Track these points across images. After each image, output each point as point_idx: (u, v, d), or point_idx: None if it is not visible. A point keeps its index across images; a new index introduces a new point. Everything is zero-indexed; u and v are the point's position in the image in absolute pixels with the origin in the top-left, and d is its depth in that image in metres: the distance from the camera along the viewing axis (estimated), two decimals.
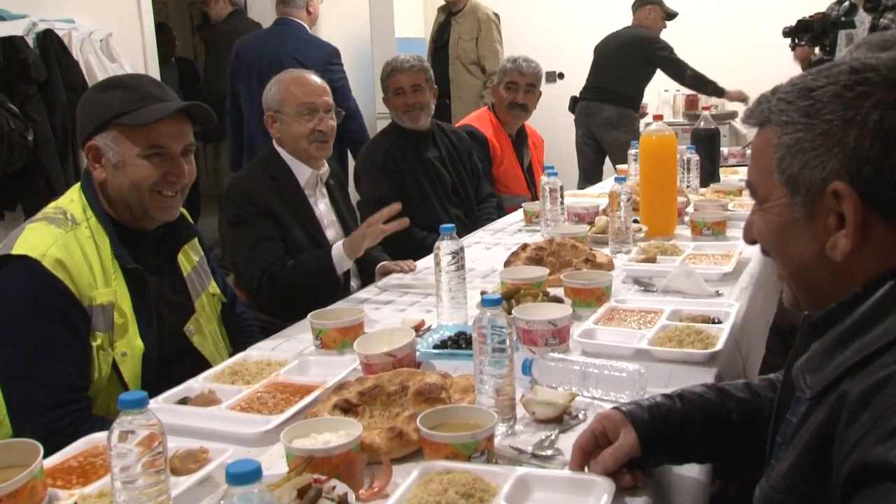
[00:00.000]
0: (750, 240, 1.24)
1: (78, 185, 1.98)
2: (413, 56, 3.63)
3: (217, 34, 5.65)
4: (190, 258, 2.15)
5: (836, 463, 0.98)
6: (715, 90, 6.07)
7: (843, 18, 4.61)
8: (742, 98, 6.03)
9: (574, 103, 6.19)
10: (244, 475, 0.90)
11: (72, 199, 1.94)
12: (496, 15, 6.36)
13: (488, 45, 6.17)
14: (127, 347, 1.87)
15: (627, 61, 5.96)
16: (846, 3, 4.69)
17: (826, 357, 1.09)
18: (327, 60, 4.64)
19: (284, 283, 2.60)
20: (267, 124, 2.82)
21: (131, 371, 1.87)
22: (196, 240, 2.18)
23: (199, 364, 2.00)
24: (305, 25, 4.85)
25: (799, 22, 4.56)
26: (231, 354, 2.15)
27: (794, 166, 1.09)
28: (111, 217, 1.93)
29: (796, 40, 4.65)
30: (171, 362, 1.96)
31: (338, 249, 2.61)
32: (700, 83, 6.06)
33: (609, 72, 6.01)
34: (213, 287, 2.21)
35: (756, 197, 1.19)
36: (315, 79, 2.84)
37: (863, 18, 4.59)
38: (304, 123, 2.74)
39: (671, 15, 6.10)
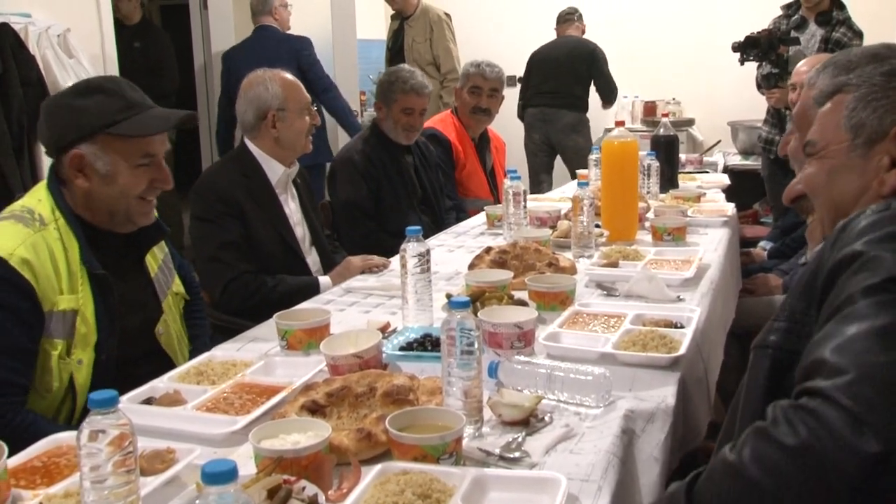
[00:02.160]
0: (791, 198, 1.52)
1: (43, 183, 1.93)
2: (423, 77, 3.71)
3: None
4: (156, 257, 2.13)
5: (821, 279, 1.18)
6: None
7: (791, 33, 4.73)
8: None
9: (523, 109, 6.31)
10: (220, 475, 0.89)
11: (39, 199, 1.90)
12: (447, 15, 6.45)
13: (441, 44, 6.27)
14: (83, 355, 1.85)
15: (582, 68, 6.15)
16: (796, 17, 4.80)
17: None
18: (300, 49, 5.42)
19: (261, 300, 2.58)
20: (266, 123, 2.76)
21: (84, 379, 1.85)
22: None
23: (163, 365, 1.98)
24: (278, 27, 5.56)
25: (746, 38, 4.69)
26: (189, 351, 2.17)
27: (864, 112, 1.32)
28: (80, 219, 1.90)
29: (744, 55, 4.76)
30: (135, 365, 1.94)
31: (326, 283, 2.70)
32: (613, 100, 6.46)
33: (566, 78, 6.17)
34: (177, 285, 2.20)
35: (813, 151, 1.40)
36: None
37: (814, 32, 4.70)
38: (305, 120, 2.81)
39: None
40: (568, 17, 6.39)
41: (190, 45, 6.17)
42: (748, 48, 4.66)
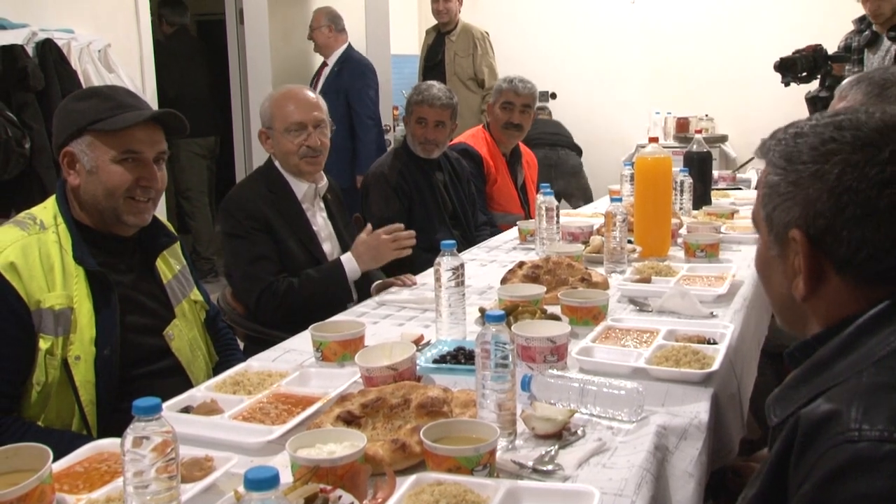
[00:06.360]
0: None
1: (54, 195, 2.02)
2: (444, 90, 3.62)
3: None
4: (171, 266, 2.18)
5: (790, 495, 1.03)
6: None
7: (864, 51, 4.57)
8: None
9: None
10: (263, 481, 0.91)
11: (45, 207, 1.99)
12: (486, 33, 6.64)
13: (485, 60, 6.45)
14: (81, 351, 1.88)
15: None
16: (867, 33, 4.62)
17: (793, 389, 1.13)
18: None
19: (292, 301, 2.62)
20: (260, 140, 2.84)
21: (83, 375, 1.88)
22: (178, 248, 2.22)
23: (173, 367, 2.06)
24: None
25: (782, 60, 4.48)
26: (213, 361, 2.24)
27: (769, 206, 1.17)
28: (80, 223, 1.97)
29: (785, 78, 4.61)
30: (143, 364, 2.00)
31: (351, 264, 2.68)
32: None
33: None
34: (196, 294, 2.25)
35: (755, 225, 1.26)
36: (307, 94, 2.84)
37: (888, 48, 4.52)
38: (292, 140, 2.75)
39: None
40: None
41: (226, 59, 6.24)
42: (784, 70, 4.49)
